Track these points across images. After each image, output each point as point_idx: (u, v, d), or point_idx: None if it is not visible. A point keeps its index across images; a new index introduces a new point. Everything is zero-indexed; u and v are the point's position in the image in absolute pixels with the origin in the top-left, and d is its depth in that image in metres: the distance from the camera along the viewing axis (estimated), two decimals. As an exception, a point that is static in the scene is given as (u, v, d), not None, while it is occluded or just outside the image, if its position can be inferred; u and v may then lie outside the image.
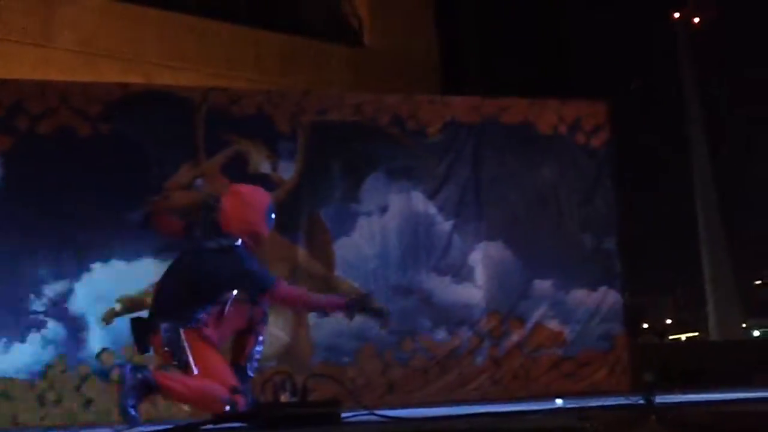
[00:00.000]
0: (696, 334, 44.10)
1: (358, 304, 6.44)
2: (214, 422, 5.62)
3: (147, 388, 5.84)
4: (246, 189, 6.72)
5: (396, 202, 11.83)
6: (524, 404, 8.01)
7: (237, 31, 17.25)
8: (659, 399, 5.09)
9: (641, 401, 5.00)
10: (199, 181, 10.93)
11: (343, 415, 5.44)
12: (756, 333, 44.78)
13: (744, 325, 44.26)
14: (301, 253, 11.32)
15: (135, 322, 6.35)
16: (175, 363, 5.98)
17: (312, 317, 11.17)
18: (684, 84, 38.51)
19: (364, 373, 11.25)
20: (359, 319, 11.21)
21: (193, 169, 10.91)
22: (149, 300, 10.25)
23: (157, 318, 6.16)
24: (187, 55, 16.43)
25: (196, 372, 5.83)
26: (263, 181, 11.06)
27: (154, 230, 7.13)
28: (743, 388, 9.58)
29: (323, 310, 7.09)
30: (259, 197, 6.59)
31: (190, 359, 5.85)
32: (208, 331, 6.06)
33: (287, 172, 11.40)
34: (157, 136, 10.87)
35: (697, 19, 37.29)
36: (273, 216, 6.54)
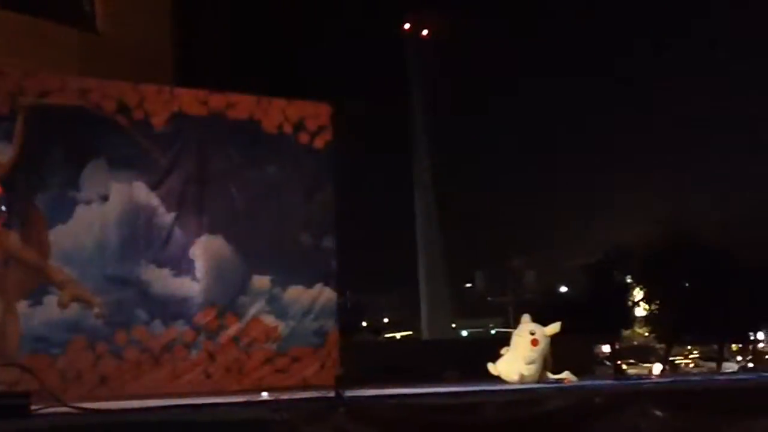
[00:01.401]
0: (410, 333, 45.96)
1: None
2: None
3: None
4: None
5: (117, 191, 11.66)
6: (232, 397, 8.15)
7: (-45, 3, 16.31)
8: (352, 393, 5.38)
9: (331, 395, 5.28)
10: None
11: (36, 407, 5.34)
12: (464, 333, 47.23)
13: (453, 326, 46.64)
14: (14, 239, 10.93)
15: None
16: None
17: (22, 306, 10.83)
18: (410, 90, 40.06)
19: (74, 366, 11.01)
20: (72, 310, 11.12)
21: None
22: None
23: None
24: None
25: None
26: (-24, 163, 10.65)
27: None
28: (435, 384, 10.17)
29: None
30: None
31: None
32: None
33: (3, 154, 10.98)
34: None
35: (425, 32, 38.94)
36: (3, 208, 6.28)
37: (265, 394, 8.22)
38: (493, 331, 49.50)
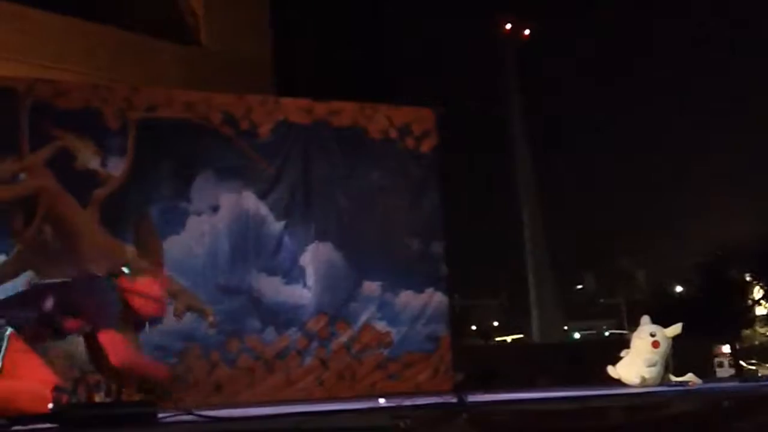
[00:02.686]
0: (521, 336, 45.56)
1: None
2: (24, 423, 5.47)
3: None
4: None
5: (227, 201, 11.77)
6: (348, 404, 8.11)
7: (66, 23, 16.77)
8: (471, 398, 5.27)
9: (453, 400, 5.17)
10: (21, 176, 10.60)
11: (161, 415, 5.39)
12: (576, 335, 46.61)
13: (565, 328, 46.07)
14: (129, 251, 11.11)
15: None
16: None
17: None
18: (510, 92, 39.75)
19: (190, 373, 11.14)
20: (186, 319, 11.26)
21: (16, 163, 10.57)
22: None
23: None
24: (13, 46, 15.85)
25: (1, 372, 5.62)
26: (91, 177, 10.86)
27: None
28: (546, 388, 9.98)
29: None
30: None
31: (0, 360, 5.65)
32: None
33: (116, 168, 11.18)
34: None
35: (527, 32, 38.59)
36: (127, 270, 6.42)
37: (382, 400, 8.16)
38: (606, 333, 48.75)
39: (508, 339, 44.50)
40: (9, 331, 5.81)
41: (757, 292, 33.33)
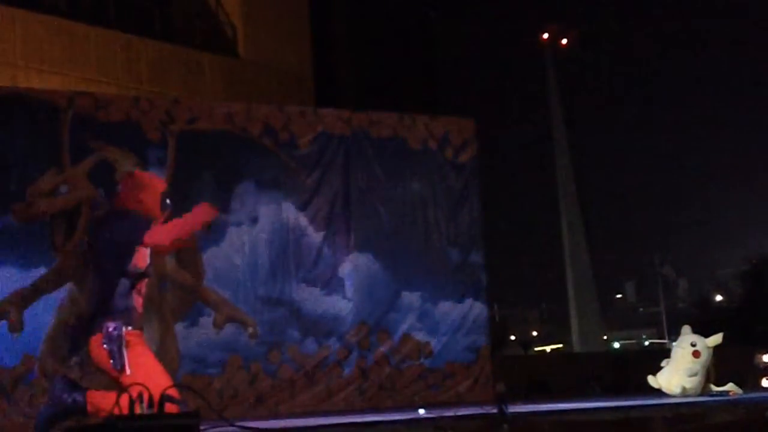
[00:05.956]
0: (560, 345, 45.29)
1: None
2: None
3: (73, 411, 5.67)
4: (143, 173, 6.63)
5: (266, 213, 11.81)
6: (389, 414, 8.09)
7: (107, 35, 16.94)
8: (512, 408, 5.24)
9: (494, 411, 5.15)
10: (63, 188, 10.69)
11: (203, 426, 5.40)
12: (616, 345, 46.28)
13: (605, 337, 45.77)
14: (170, 262, 11.17)
15: (69, 324, 6.16)
16: (111, 363, 5.75)
17: (179, 327, 11.06)
18: (549, 102, 39.61)
19: (231, 385, 11.18)
20: (227, 330, 11.30)
21: (58, 176, 10.66)
22: (8, 307, 10.09)
23: (100, 317, 5.91)
24: (54, 58, 16.05)
25: (128, 373, 5.63)
26: (131, 190, 10.91)
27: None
28: (585, 398, 9.92)
29: (202, 223, 6.75)
30: (155, 181, 6.54)
31: (126, 361, 5.67)
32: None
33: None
34: (20, 141, 10.62)
35: (564, 41, 38.42)
36: (168, 201, 6.40)
37: (422, 411, 8.14)
38: (646, 343, 48.35)
39: (548, 349, 44.26)
40: (125, 329, 5.77)
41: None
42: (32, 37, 15.92)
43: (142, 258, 5.96)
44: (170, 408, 5.24)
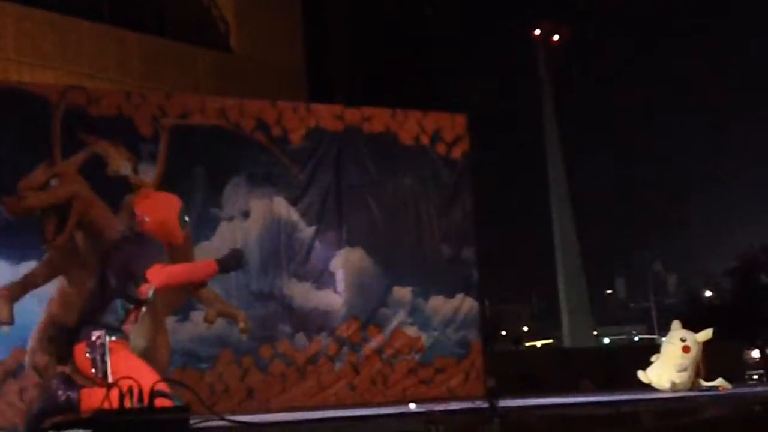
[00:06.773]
0: (551, 341, 45.41)
1: (230, 260, 6.27)
2: (56, 428, 5.51)
3: (66, 409, 5.68)
4: (157, 193, 6.63)
5: (258, 207, 11.81)
6: (379, 409, 8.13)
7: (100, 30, 16.94)
8: (503, 403, 5.27)
9: (485, 405, 5.17)
10: (53, 182, 10.68)
11: (193, 421, 5.41)
12: (606, 340, 46.46)
13: (595, 333, 45.94)
14: (161, 256, 11.15)
15: (58, 330, 6.16)
16: (93, 371, 5.77)
17: (170, 322, 11.06)
18: (542, 99, 39.70)
19: (222, 380, 11.19)
20: (219, 325, 11.32)
21: (49, 170, 10.65)
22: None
23: (86, 327, 5.94)
24: (47, 53, 16.04)
25: (111, 381, 5.64)
26: (123, 184, 10.93)
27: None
28: (575, 393, 9.97)
29: (203, 279, 6.77)
30: (171, 199, 6.51)
31: (108, 369, 5.68)
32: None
33: (148, 174, 11.24)
34: (12, 135, 10.59)
35: (556, 37, 38.51)
36: (186, 219, 6.39)
37: (413, 406, 8.17)
38: (636, 338, 48.53)
39: (538, 344, 44.39)
40: (109, 338, 5.80)
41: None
42: (25, 32, 15.91)
43: (147, 288, 5.99)
44: (163, 402, 5.26)
